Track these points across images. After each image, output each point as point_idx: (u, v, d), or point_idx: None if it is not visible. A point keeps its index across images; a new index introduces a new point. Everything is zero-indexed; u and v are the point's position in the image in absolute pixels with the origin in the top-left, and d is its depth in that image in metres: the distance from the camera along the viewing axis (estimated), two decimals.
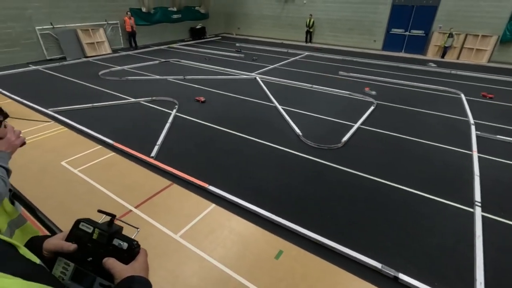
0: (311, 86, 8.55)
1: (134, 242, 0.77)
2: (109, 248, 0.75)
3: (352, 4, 14.82)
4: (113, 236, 0.76)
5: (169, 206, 3.60)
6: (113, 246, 0.75)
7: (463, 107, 7.18)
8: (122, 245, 0.75)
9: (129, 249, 0.75)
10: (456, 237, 3.27)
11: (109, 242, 0.76)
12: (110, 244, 0.75)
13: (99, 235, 0.76)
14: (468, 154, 5.01)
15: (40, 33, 10.83)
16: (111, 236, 0.76)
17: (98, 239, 0.76)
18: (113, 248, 0.75)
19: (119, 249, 0.75)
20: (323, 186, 4.08)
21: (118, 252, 0.75)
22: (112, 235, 0.77)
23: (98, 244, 0.76)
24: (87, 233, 0.77)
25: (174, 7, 15.77)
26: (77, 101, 6.87)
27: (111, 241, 0.76)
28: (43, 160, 4.49)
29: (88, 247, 0.75)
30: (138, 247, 0.78)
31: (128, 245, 0.76)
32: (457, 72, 10.73)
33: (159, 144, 4.99)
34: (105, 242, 0.76)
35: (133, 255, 0.76)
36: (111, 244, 0.75)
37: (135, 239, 0.78)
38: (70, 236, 0.77)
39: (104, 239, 0.76)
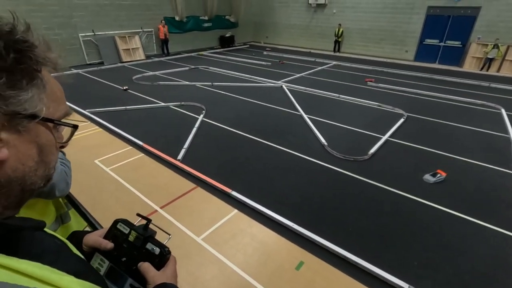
0: (338, 96, 8.43)
1: (166, 248, 0.79)
2: (142, 252, 0.77)
3: (384, 14, 14.52)
4: (147, 240, 0.79)
5: (192, 209, 3.68)
6: (146, 250, 0.78)
7: (503, 123, 6.72)
8: (155, 250, 0.78)
9: (160, 255, 0.77)
10: (493, 262, 3.03)
11: (143, 245, 0.78)
12: (144, 248, 0.78)
13: (135, 238, 0.79)
14: (508, 173, 4.66)
15: (83, 40, 11.67)
16: (145, 239, 0.79)
17: (133, 241, 0.79)
18: (146, 252, 0.77)
19: (151, 254, 0.77)
20: (347, 198, 3.97)
21: (150, 256, 0.77)
22: (147, 239, 0.79)
23: (133, 246, 0.78)
24: (123, 234, 0.80)
25: (206, 16, 16.34)
26: (112, 103, 7.28)
27: (145, 245, 0.78)
28: (78, 158, 4.78)
29: (123, 248, 0.78)
30: (169, 254, 0.80)
31: (160, 250, 0.78)
32: (497, 85, 10.09)
33: (186, 147, 5.14)
34: (139, 245, 0.78)
35: (163, 261, 0.78)
36: (145, 247, 0.78)
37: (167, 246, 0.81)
38: (108, 235, 0.81)
39: (139, 242, 0.78)
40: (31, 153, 0.50)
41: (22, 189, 0.50)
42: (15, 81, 0.46)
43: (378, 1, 14.51)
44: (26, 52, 0.48)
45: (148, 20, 13.74)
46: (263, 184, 4.25)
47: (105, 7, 12.06)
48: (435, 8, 13.17)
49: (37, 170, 0.52)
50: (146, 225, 0.83)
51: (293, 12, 17.79)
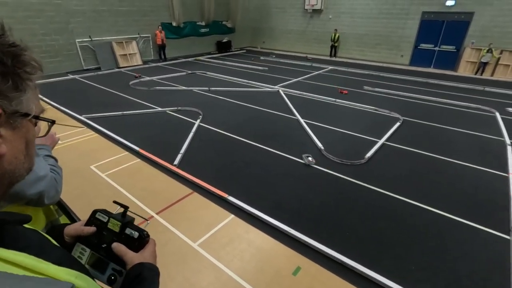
0: (335, 100, 8.47)
1: (144, 232, 0.84)
2: (122, 237, 0.82)
3: (379, 20, 14.70)
4: (125, 225, 0.83)
5: (189, 214, 3.65)
6: (125, 234, 0.82)
7: (497, 126, 6.78)
8: (133, 234, 0.82)
9: (139, 238, 0.82)
10: (490, 265, 3.03)
11: (122, 231, 0.82)
12: (123, 233, 0.82)
13: (114, 225, 0.83)
14: (504, 176, 4.68)
15: (80, 45, 11.67)
16: (124, 225, 0.83)
17: (112, 228, 0.83)
18: (125, 237, 0.82)
19: (130, 238, 0.82)
20: (344, 202, 3.97)
21: (129, 240, 0.81)
22: (125, 224, 0.83)
23: (113, 233, 0.83)
24: (102, 222, 0.84)
25: (203, 22, 16.43)
26: (108, 108, 7.26)
27: (123, 230, 0.82)
28: (74, 163, 4.74)
29: (103, 235, 0.82)
30: (147, 237, 0.84)
31: (139, 234, 0.82)
32: (491, 89, 10.21)
33: (182, 152, 5.12)
34: (118, 231, 0.82)
35: (143, 244, 0.83)
36: (124, 233, 0.82)
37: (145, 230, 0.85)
38: (88, 224, 0.85)
39: (118, 228, 0.83)
40: (21, 147, 0.55)
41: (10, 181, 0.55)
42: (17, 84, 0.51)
43: (373, 7, 14.69)
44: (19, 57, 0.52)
45: (145, 26, 13.79)
46: (260, 189, 4.24)
47: (103, 13, 12.10)
48: (429, 13, 13.35)
49: (24, 163, 0.56)
50: (124, 212, 0.88)
51: (290, 17, 17.96)
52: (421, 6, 13.41)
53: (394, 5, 14.07)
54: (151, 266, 0.78)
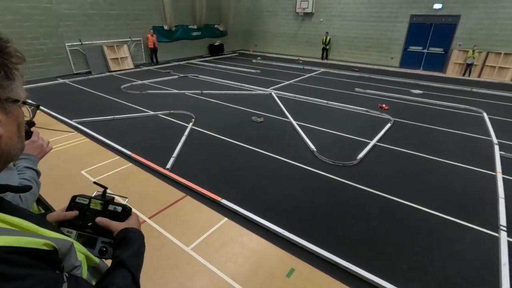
0: (327, 102, 8.55)
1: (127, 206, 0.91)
2: (106, 213, 0.88)
3: (369, 23, 14.93)
4: (108, 203, 0.90)
5: (182, 218, 3.63)
6: (109, 211, 0.89)
7: (485, 126, 6.94)
8: (117, 209, 0.89)
9: (123, 211, 0.89)
10: (479, 263, 3.08)
11: (105, 208, 0.89)
12: (107, 210, 0.89)
13: (95, 204, 0.90)
14: (492, 175, 4.79)
15: (69, 49, 11.54)
16: (106, 203, 0.90)
17: (95, 207, 0.89)
18: (109, 213, 0.88)
19: (114, 212, 0.88)
20: (337, 203, 4.00)
21: (114, 215, 0.88)
22: (107, 202, 0.90)
23: (96, 211, 0.89)
24: (84, 205, 0.90)
25: (194, 25, 16.43)
26: (100, 113, 7.18)
27: (107, 207, 0.89)
28: (64, 168, 4.67)
29: (87, 215, 0.88)
30: (130, 209, 0.91)
31: (122, 208, 0.89)
32: (478, 90, 10.45)
33: (175, 156, 5.09)
34: (101, 208, 0.89)
35: (127, 216, 0.90)
36: (107, 209, 0.89)
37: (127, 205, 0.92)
38: (69, 209, 0.90)
39: (101, 206, 0.89)
40: (14, 129, 0.63)
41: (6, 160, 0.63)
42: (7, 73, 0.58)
43: (363, 10, 14.92)
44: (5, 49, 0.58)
45: (137, 29, 13.72)
46: (253, 191, 4.24)
47: (93, 17, 12.00)
48: (417, 16, 13.63)
49: (18, 143, 0.65)
50: (104, 192, 0.95)
51: (282, 20, 18.10)
52: (409, 9, 13.68)
53: (383, 8, 14.32)
54: (135, 230, 0.88)
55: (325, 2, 16.00)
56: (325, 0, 15.97)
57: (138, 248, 0.85)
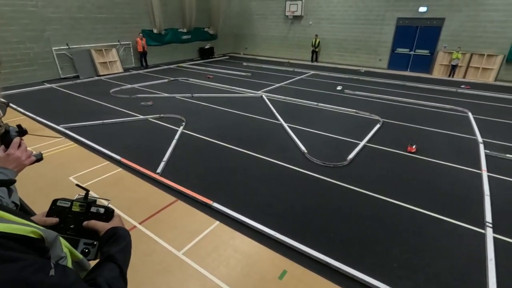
0: (317, 104, 8.63)
1: (110, 207, 0.92)
2: (89, 215, 0.88)
3: (357, 25, 15.18)
4: (90, 205, 0.90)
5: (173, 223, 3.59)
6: (92, 213, 0.89)
7: (470, 126, 7.12)
8: (100, 210, 0.90)
9: (106, 212, 0.89)
10: (467, 259, 3.15)
11: (87, 211, 0.89)
12: (89, 212, 0.89)
13: (77, 206, 0.90)
14: (477, 173, 4.91)
15: (56, 53, 11.34)
16: (88, 205, 0.90)
17: (77, 209, 0.89)
18: (92, 214, 0.89)
19: (97, 214, 0.89)
20: (328, 204, 4.03)
21: (97, 216, 0.89)
22: (90, 204, 0.90)
23: (78, 214, 0.89)
24: (65, 208, 0.90)
25: (184, 28, 16.39)
26: (88, 118, 7.07)
27: (89, 210, 0.89)
28: (52, 175, 4.57)
29: (68, 218, 0.88)
30: (113, 211, 0.92)
31: (105, 209, 0.90)
32: (463, 90, 10.73)
33: (165, 160, 5.05)
34: (84, 211, 0.89)
35: (110, 217, 0.91)
36: (90, 211, 0.89)
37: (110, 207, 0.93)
38: (49, 213, 0.90)
39: (83, 208, 0.90)
40: None
41: None
42: None
43: (351, 13, 15.17)
44: None
45: (126, 33, 13.59)
46: (245, 194, 4.24)
47: (80, 20, 11.84)
48: (403, 19, 13.93)
49: None
50: (86, 194, 0.95)
51: (271, 24, 18.22)
52: (396, 12, 13.98)
53: (370, 11, 14.59)
54: (122, 228, 0.91)
55: (314, 5, 16.21)
56: (314, 3, 16.18)
57: (126, 244, 0.88)
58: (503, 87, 11.41)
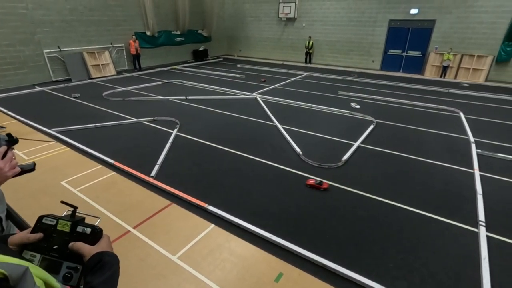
0: (311, 105, 8.66)
1: (97, 227, 0.84)
2: (74, 235, 0.82)
3: (350, 27, 15.31)
4: (76, 224, 0.84)
5: (167, 227, 3.55)
6: (78, 232, 0.83)
7: (462, 126, 7.22)
8: (86, 230, 0.83)
9: (92, 233, 0.83)
10: (461, 258, 3.18)
11: (73, 230, 0.83)
12: (75, 231, 0.83)
13: (63, 225, 0.83)
14: (470, 172, 4.97)
15: (48, 56, 11.19)
16: (74, 224, 0.83)
17: (62, 228, 0.83)
18: (78, 235, 0.82)
19: (83, 234, 0.82)
20: (323, 206, 4.03)
21: (83, 237, 0.82)
22: (76, 223, 0.84)
23: (63, 233, 0.82)
24: (50, 226, 0.83)
25: (177, 31, 16.33)
26: (80, 121, 6.98)
27: (75, 229, 0.83)
28: (43, 180, 4.49)
29: (53, 237, 0.82)
30: (101, 231, 0.85)
31: (91, 229, 0.83)
32: (455, 91, 10.88)
33: (160, 163, 5.00)
34: (69, 230, 0.83)
35: (97, 238, 0.83)
36: (76, 231, 0.83)
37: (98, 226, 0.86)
38: (34, 231, 0.83)
39: (68, 227, 0.83)
40: None
41: None
42: None
43: (344, 15, 15.30)
44: None
45: (118, 36, 13.49)
46: (240, 196, 4.22)
47: (72, 23, 11.71)
48: (395, 21, 14.09)
49: None
50: (73, 212, 0.88)
51: (265, 26, 18.27)
52: (387, 14, 14.14)
53: (362, 13, 14.73)
54: (110, 253, 0.82)
55: (307, 7, 16.30)
56: (307, 6, 16.28)
57: (112, 274, 0.79)
58: (493, 87, 11.60)
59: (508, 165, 5.26)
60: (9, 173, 1.07)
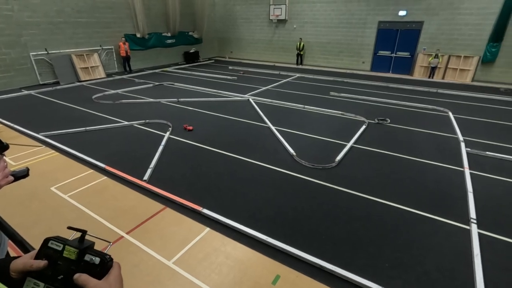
0: (303, 106, 8.70)
1: (107, 256, 0.75)
2: (81, 265, 0.73)
3: (340, 29, 15.48)
4: (84, 252, 0.75)
5: (162, 231, 3.50)
6: (85, 262, 0.73)
7: (451, 125, 7.36)
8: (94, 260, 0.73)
9: (101, 264, 0.74)
10: (454, 255, 3.23)
11: (80, 258, 0.74)
12: (82, 260, 0.73)
13: (69, 252, 0.74)
14: (460, 170, 5.07)
15: (34, 59, 10.94)
16: (82, 252, 0.74)
17: (69, 256, 0.74)
18: (85, 264, 0.73)
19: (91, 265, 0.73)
20: (318, 206, 4.04)
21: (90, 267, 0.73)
22: (84, 251, 0.75)
23: (69, 261, 0.73)
24: (57, 251, 0.75)
25: (168, 33, 16.21)
26: (70, 125, 6.83)
27: (82, 257, 0.74)
28: (32, 186, 4.37)
29: (58, 265, 0.73)
30: (111, 261, 0.76)
31: (100, 259, 0.74)
32: (443, 91, 11.11)
33: (152, 167, 4.94)
34: (76, 258, 0.74)
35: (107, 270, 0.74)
36: (83, 260, 0.74)
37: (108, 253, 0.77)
38: (39, 255, 0.75)
39: (76, 255, 0.74)
40: None
41: None
42: None
43: (334, 17, 15.46)
44: None
45: (108, 38, 13.30)
46: (235, 199, 4.19)
47: (60, 25, 11.49)
48: (384, 22, 14.32)
49: None
50: (82, 237, 0.78)
51: (256, 27, 18.31)
52: (376, 16, 14.35)
53: (352, 15, 14.91)
54: None
55: (297, 9, 16.41)
56: (297, 7, 16.38)
57: None
58: (480, 87, 11.89)
59: (497, 163, 5.38)
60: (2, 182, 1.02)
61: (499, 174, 4.96)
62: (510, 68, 12.29)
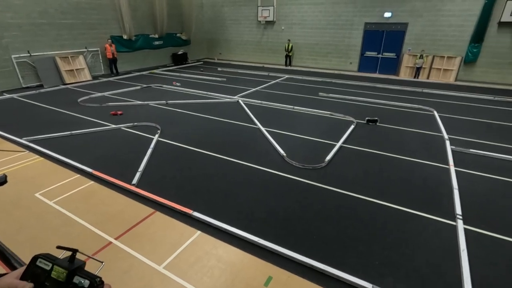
0: (293, 107, 8.75)
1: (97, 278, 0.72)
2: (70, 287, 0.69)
3: (328, 30, 15.67)
4: (73, 273, 0.71)
5: (152, 236, 3.44)
6: (74, 284, 0.69)
7: (436, 124, 7.55)
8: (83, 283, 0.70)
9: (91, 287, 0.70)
10: (442, 251, 3.30)
11: (69, 281, 0.70)
12: (71, 283, 0.70)
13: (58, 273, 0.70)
14: (446, 168, 5.19)
15: (16, 61, 10.62)
16: (71, 273, 0.71)
17: (57, 277, 0.70)
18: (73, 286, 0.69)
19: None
20: (309, 206, 4.06)
21: None
22: (73, 272, 0.71)
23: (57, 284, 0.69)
24: (45, 271, 0.71)
25: (155, 34, 16.03)
26: (54, 129, 6.65)
27: (71, 279, 0.70)
28: (15, 192, 4.23)
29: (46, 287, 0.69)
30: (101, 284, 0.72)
31: (90, 283, 0.70)
32: (428, 90, 11.38)
33: (141, 170, 4.86)
34: (64, 280, 0.70)
35: None
36: (72, 282, 0.70)
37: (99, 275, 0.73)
38: (26, 274, 0.71)
39: (64, 277, 0.70)
40: None
41: None
42: None
43: (321, 18, 15.64)
44: None
45: (93, 39, 13.04)
46: (225, 201, 4.17)
47: (42, 26, 11.19)
48: (371, 24, 14.58)
49: None
50: (72, 256, 0.75)
51: (245, 29, 18.33)
52: (363, 18, 14.60)
53: (339, 16, 15.12)
54: None
55: (285, 10, 16.52)
56: (285, 9, 16.49)
57: None
58: (463, 87, 12.25)
59: (480, 160, 5.55)
60: None
61: (483, 171, 5.11)
62: (490, 68, 12.71)
